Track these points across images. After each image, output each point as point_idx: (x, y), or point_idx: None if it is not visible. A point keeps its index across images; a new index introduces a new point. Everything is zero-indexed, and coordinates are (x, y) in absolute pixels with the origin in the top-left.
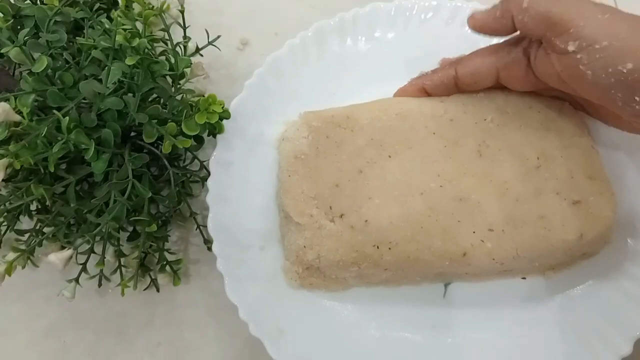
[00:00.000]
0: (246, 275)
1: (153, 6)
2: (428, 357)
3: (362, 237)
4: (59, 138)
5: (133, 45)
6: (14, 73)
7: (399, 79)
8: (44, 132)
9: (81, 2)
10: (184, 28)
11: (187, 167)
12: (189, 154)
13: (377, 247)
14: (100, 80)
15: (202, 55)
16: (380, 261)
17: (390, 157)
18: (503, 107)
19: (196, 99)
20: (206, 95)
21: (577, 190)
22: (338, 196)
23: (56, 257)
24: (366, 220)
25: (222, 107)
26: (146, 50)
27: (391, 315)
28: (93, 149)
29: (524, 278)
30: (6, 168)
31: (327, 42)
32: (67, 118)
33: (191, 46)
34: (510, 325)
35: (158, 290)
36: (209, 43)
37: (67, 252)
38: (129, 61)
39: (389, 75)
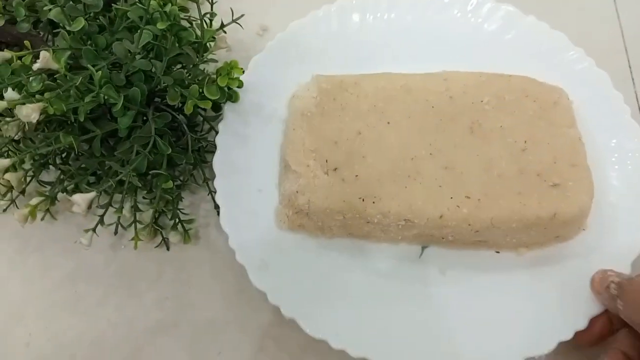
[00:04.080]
0: (241, 210)
1: None
2: (399, 303)
3: (350, 189)
4: (91, 90)
5: (165, 10)
6: (47, 39)
7: (410, 59)
8: (78, 83)
9: None
10: (212, 3)
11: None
12: (205, 125)
13: (363, 200)
14: (132, 43)
15: (225, 32)
16: (364, 213)
17: (389, 123)
18: (501, 93)
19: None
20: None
21: (557, 174)
22: (335, 152)
23: (80, 198)
24: (357, 175)
25: (243, 72)
26: (176, 17)
27: (369, 265)
28: (121, 104)
29: (497, 252)
30: (40, 112)
31: (347, 17)
32: (99, 72)
33: (215, 24)
34: (477, 289)
35: (168, 249)
36: (233, 21)
37: (91, 194)
38: (160, 25)
39: (401, 54)
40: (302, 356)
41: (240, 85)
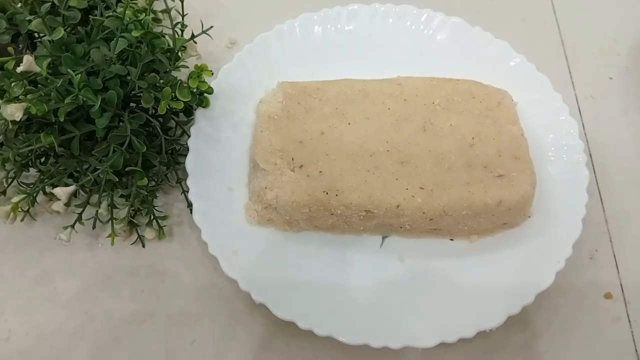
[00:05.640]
0: (212, 207)
1: None
2: (361, 288)
3: (315, 184)
4: (71, 92)
5: (139, 19)
6: (25, 52)
7: (367, 67)
8: (59, 85)
9: None
10: (182, 15)
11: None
12: (178, 130)
13: (327, 193)
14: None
15: (195, 42)
16: (327, 205)
17: (349, 124)
18: (450, 95)
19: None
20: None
21: (502, 166)
22: (300, 150)
23: (61, 190)
24: (320, 171)
25: (212, 74)
26: (149, 26)
27: (333, 254)
28: (99, 105)
29: (452, 239)
30: (23, 112)
31: (309, 30)
32: (79, 76)
33: (187, 35)
34: (434, 273)
35: (144, 246)
36: (203, 31)
37: (72, 187)
38: (135, 33)
39: (359, 63)
40: (271, 339)
41: (210, 90)
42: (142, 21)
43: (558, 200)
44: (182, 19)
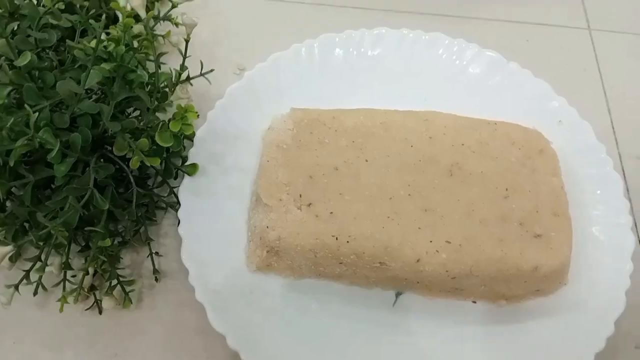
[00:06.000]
0: (203, 246)
1: (135, 13)
2: (369, 351)
3: (324, 226)
4: (26, 133)
5: (109, 49)
6: None
7: (390, 98)
8: (9, 124)
9: (78, 6)
10: (184, 57)
11: (155, 191)
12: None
13: (337, 238)
14: (79, 83)
15: (192, 85)
16: (336, 252)
17: (367, 161)
18: (486, 139)
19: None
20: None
21: (540, 224)
22: (310, 187)
23: None
24: (331, 212)
25: (197, 116)
26: (125, 58)
27: (338, 310)
28: (57, 150)
29: (474, 302)
30: None
31: (330, 52)
32: (36, 114)
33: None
34: (453, 340)
35: (100, 312)
36: (202, 74)
37: (7, 248)
38: (106, 66)
39: (381, 92)
40: None
41: (191, 135)
42: (115, 52)
43: (600, 268)
44: (183, 62)
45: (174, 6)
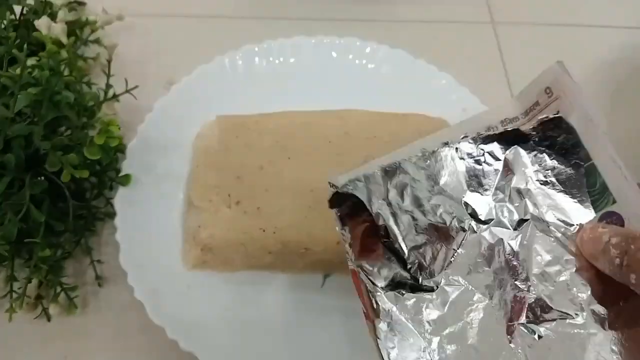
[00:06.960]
0: (141, 248)
1: (59, 41)
2: (299, 333)
3: (252, 221)
4: None
5: (33, 75)
6: None
7: (310, 101)
8: None
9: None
10: (108, 76)
11: (93, 203)
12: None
13: (264, 231)
14: (8, 107)
15: (118, 101)
16: (264, 242)
17: (289, 158)
18: (396, 131)
19: None
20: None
21: None
22: (238, 186)
23: None
24: (258, 208)
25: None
26: (52, 82)
27: (270, 297)
28: None
29: None
30: None
31: (252, 62)
32: None
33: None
34: None
35: (49, 320)
36: (127, 91)
37: None
38: (32, 90)
39: (302, 96)
40: None
41: (122, 148)
42: (39, 77)
43: None
44: (108, 80)
45: (93, 31)
